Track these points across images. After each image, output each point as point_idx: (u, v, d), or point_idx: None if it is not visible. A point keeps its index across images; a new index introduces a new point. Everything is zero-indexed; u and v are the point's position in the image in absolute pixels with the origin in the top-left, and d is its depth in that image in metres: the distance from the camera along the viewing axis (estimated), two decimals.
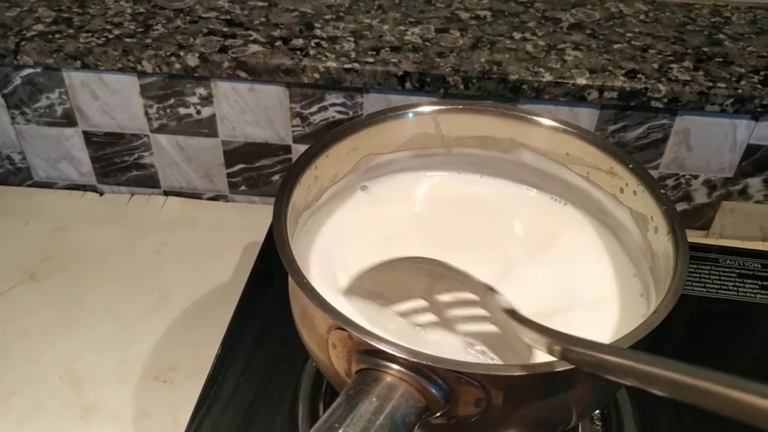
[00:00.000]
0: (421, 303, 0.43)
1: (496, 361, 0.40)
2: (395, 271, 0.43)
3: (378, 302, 0.43)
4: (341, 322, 0.35)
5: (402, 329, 0.42)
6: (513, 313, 0.37)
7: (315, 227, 0.48)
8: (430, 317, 0.42)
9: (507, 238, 0.49)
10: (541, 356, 0.35)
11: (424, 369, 0.33)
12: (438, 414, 0.35)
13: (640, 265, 0.45)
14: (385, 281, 0.43)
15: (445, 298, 0.42)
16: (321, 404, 0.51)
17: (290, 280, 0.39)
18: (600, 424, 0.50)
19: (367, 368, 0.34)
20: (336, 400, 0.34)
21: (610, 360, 0.29)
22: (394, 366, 0.34)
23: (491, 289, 0.39)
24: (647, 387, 0.27)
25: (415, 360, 0.33)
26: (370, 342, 0.34)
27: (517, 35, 0.67)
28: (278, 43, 0.65)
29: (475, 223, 0.50)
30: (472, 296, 0.41)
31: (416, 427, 0.34)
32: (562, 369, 0.33)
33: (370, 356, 0.34)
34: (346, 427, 0.32)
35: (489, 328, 0.40)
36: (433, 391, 0.33)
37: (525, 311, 0.37)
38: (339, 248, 0.47)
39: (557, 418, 0.38)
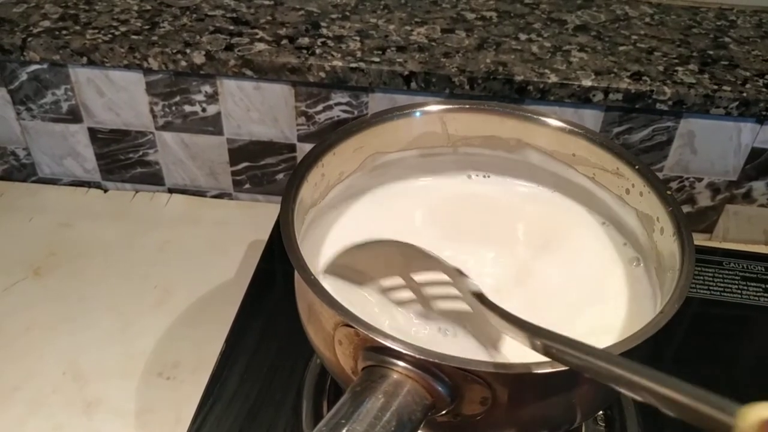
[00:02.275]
0: (398, 281, 0.43)
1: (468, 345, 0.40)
2: (372, 251, 0.43)
3: (355, 281, 0.43)
4: (348, 319, 0.35)
5: (383, 309, 0.42)
6: (481, 297, 0.37)
7: (321, 226, 0.48)
8: (407, 294, 0.43)
9: (513, 238, 0.49)
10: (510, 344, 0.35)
11: (430, 366, 0.33)
12: (444, 411, 0.35)
13: (646, 265, 0.45)
14: (363, 260, 0.43)
15: (420, 277, 0.42)
16: (324, 402, 0.51)
17: (297, 276, 0.40)
18: (603, 424, 0.50)
19: (373, 365, 0.34)
20: (342, 397, 0.34)
21: (583, 357, 0.30)
22: (401, 363, 0.34)
23: (461, 273, 0.39)
24: (616, 386, 0.29)
25: (422, 357, 0.33)
26: (377, 339, 0.34)
27: (523, 36, 0.67)
28: (284, 41, 0.65)
29: (482, 222, 0.50)
30: (445, 277, 0.41)
31: (422, 425, 0.34)
32: (566, 368, 0.33)
33: (376, 353, 0.34)
34: (353, 423, 0.32)
35: (464, 306, 0.41)
36: (440, 388, 0.34)
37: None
38: (342, 243, 0.47)
39: (562, 417, 0.38)
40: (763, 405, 0.23)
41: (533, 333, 0.33)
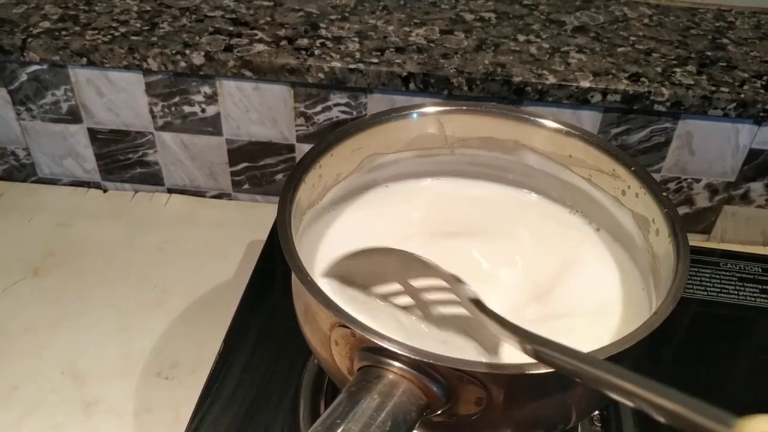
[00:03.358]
0: (397, 287, 0.43)
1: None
2: (369, 259, 0.43)
3: (354, 288, 0.43)
4: (344, 319, 0.35)
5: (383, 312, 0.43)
6: (478, 304, 0.37)
7: (319, 227, 0.48)
8: (406, 300, 0.43)
9: (509, 239, 0.49)
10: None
11: (425, 367, 0.33)
12: (439, 412, 0.35)
13: (641, 267, 0.45)
14: (360, 268, 0.43)
15: (418, 283, 0.42)
16: (322, 402, 0.51)
17: (293, 277, 0.40)
18: (599, 425, 0.51)
19: (369, 365, 0.35)
20: (338, 397, 0.34)
21: (574, 364, 0.30)
22: (396, 363, 0.34)
23: (458, 280, 0.39)
24: (609, 392, 0.29)
25: (417, 358, 0.33)
26: (373, 339, 0.34)
27: (522, 37, 0.68)
28: (283, 42, 0.65)
29: (479, 223, 0.50)
30: (442, 283, 0.41)
31: (417, 426, 0.34)
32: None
33: (372, 353, 0.35)
34: (348, 423, 0.32)
35: (463, 311, 0.41)
36: (435, 388, 0.34)
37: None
38: (342, 249, 0.47)
39: (557, 417, 0.38)
40: (762, 418, 0.23)
41: (525, 338, 0.33)
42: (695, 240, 0.71)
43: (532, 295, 0.45)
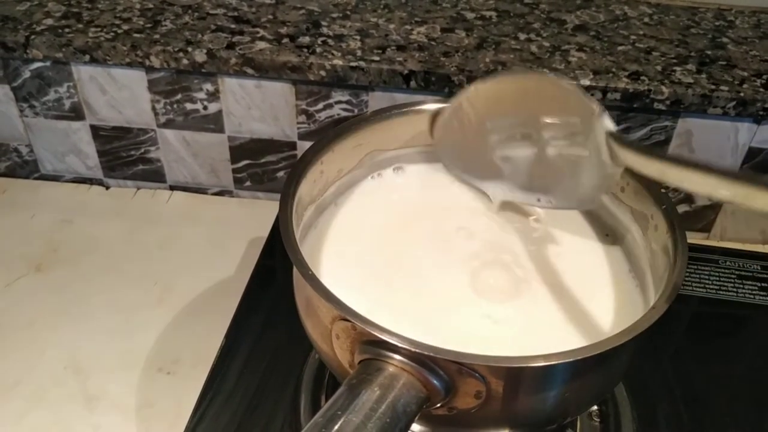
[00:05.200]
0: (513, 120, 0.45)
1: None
2: (511, 83, 0.46)
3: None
4: (345, 312, 0.35)
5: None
6: (614, 135, 0.40)
7: (320, 221, 0.48)
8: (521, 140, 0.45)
9: (509, 235, 0.49)
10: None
11: (425, 359, 0.34)
12: (439, 405, 0.35)
13: (640, 262, 0.45)
14: (494, 95, 0.46)
15: (550, 119, 0.44)
16: (323, 396, 0.52)
17: (295, 271, 0.40)
18: (598, 420, 0.51)
19: (370, 358, 0.35)
20: (338, 390, 0.34)
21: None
22: (397, 356, 0.34)
23: (602, 111, 0.41)
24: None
25: (417, 350, 0.34)
26: (374, 332, 0.34)
27: (522, 36, 0.68)
28: (285, 40, 0.65)
29: (479, 218, 0.50)
30: (573, 120, 0.43)
31: (417, 419, 0.34)
32: (561, 361, 0.34)
33: (373, 347, 0.35)
34: (348, 415, 0.32)
35: (580, 151, 0.43)
36: (435, 381, 0.34)
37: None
38: (343, 242, 0.47)
39: (556, 410, 0.38)
40: None
41: (663, 160, 0.36)
42: (695, 238, 0.71)
43: (531, 288, 0.45)
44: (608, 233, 0.48)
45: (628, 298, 0.44)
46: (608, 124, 0.41)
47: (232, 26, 0.67)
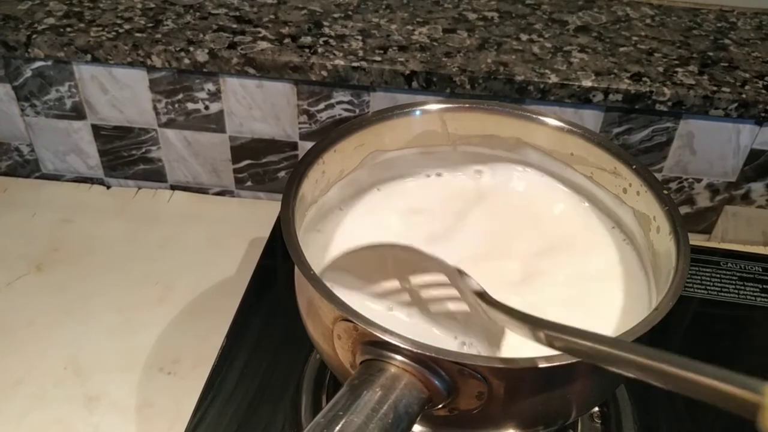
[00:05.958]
0: (395, 284, 0.43)
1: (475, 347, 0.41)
2: (370, 254, 0.43)
3: (354, 284, 0.44)
4: (347, 313, 0.35)
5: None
6: (483, 296, 0.38)
7: (322, 222, 0.48)
8: (404, 297, 0.43)
9: (513, 235, 0.49)
10: (510, 339, 0.36)
11: (427, 360, 0.34)
12: (440, 406, 0.35)
13: (642, 263, 0.45)
14: (360, 264, 0.44)
15: (418, 280, 0.43)
16: (324, 397, 0.52)
17: (296, 271, 0.40)
18: (599, 421, 0.51)
19: (371, 359, 0.35)
20: (340, 390, 0.34)
21: (591, 347, 0.30)
22: (398, 357, 0.34)
23: (462, 273, 0.40)
24: (627, 372, 0.29)
25: (419, 351, 0.34)
26: (376, 333, 0.34)
27: (524, 37, 0.68)
28: (287, 40, 0.65)
29: (482, 219, 0.50)
30: (443, 278, 0.41)
31: (419, 419, 0.34)
32: (562, 363, 0.34)
33: (374, 347, 0.35)
34: (350, 415, 0.32)
35: (462, 307, 0.41)
36: (436, 382, 0.34)
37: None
38: (346, 245, 0.47)
39: (557, 412, 0.38)
40: None
41: (536, 325, 0.33)
42: (696, 240, 0.71)
43: (533, 290, 0.45)
44: (625, 238, 0.48)
45: (636, 294, 0.44)
46: (473, 285, 0.39)
47: (234, 26, 0.67)
